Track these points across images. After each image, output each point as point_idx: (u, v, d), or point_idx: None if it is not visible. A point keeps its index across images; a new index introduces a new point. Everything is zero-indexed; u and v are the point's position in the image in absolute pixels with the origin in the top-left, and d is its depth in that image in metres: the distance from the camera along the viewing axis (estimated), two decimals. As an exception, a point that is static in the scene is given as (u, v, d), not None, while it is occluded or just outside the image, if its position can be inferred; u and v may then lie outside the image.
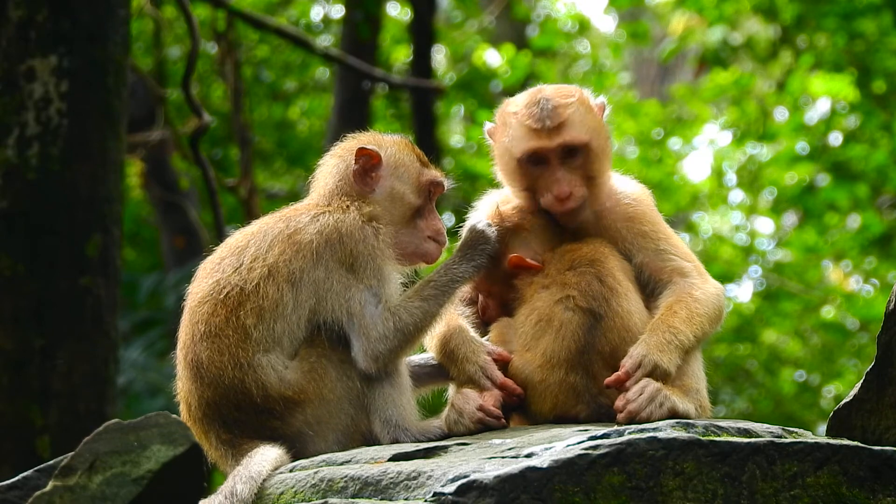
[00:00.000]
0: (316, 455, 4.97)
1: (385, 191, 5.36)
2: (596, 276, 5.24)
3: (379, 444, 5.06)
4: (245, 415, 5.08)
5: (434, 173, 5.46)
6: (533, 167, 5.42)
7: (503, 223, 5.42)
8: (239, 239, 5.28)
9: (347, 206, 5.27)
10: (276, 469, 4.87)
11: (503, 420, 5.12)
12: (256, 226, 5.31)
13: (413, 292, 5.21)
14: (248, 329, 5.09)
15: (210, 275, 5.22)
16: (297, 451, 5.07)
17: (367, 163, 5.35)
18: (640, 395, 4.99)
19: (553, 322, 5.20)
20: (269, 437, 5.05)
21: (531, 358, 5.19)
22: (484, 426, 5.06)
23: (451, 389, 5.38)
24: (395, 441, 5.04)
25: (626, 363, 5.08)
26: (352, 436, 5.12)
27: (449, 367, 5.30)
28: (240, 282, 5.14)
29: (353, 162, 5.35)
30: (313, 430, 5.09)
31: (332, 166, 5.41)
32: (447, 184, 5.50)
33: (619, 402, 5.01)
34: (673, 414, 4.98)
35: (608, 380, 5.06)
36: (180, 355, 5.22)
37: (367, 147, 5.35)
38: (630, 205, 5.55)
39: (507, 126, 5.47)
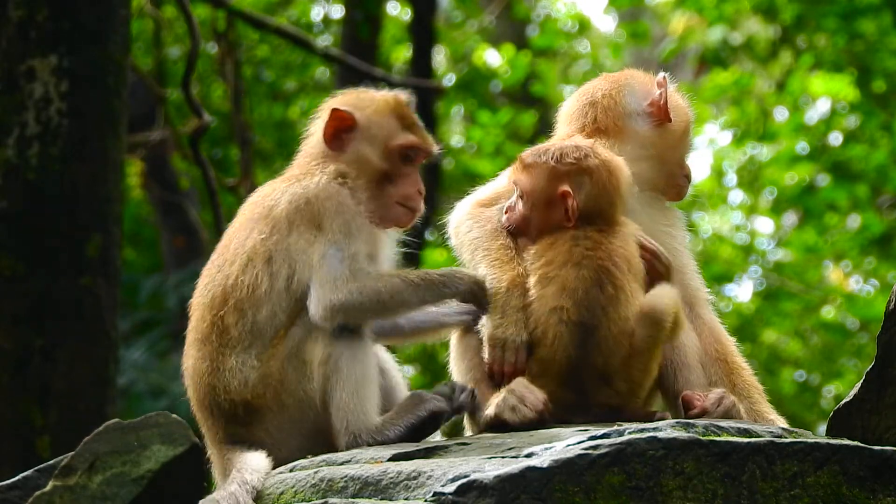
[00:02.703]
0: (282, 462, 4.93)
1: (353, 152, 5.27)
2: (597, 283, 5.13)
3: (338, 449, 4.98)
4: (218, 421, 5.05)
5: (410, 138, 5.31)
6: None
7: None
8: (226, 236, 5.26)
9: (316, 169, 5.23)
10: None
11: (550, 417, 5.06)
12: (240, 217, 5.26)
13: (398, 270, 5.14)
14: (228, 329, 5.05)
15: (202, 279, 5.22)
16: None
17: (340, 124, 5.27)
18: (718, 406, 5.10)
19: (547, 334, 5.12)
20: (237, 444, 5.01)
21: (528, 365, 5.16)
22: (540, 419, 4.98)
23: (463, 367, 5.30)
24: (352, 447, 4.94)
25: None
26: (315, 439, 5.04)
27: (492, 312, 5.18)
28: (223, 280, 5.12)
29: (324, 135, 5.30)
30: (272, 439, 5.02)
31: (312, 128, 5.38)
32: (427, 149, 5.34)
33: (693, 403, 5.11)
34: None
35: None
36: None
37: (341, 108, 5.28)
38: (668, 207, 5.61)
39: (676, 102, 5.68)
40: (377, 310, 5.06)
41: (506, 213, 5.36)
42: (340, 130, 5.28)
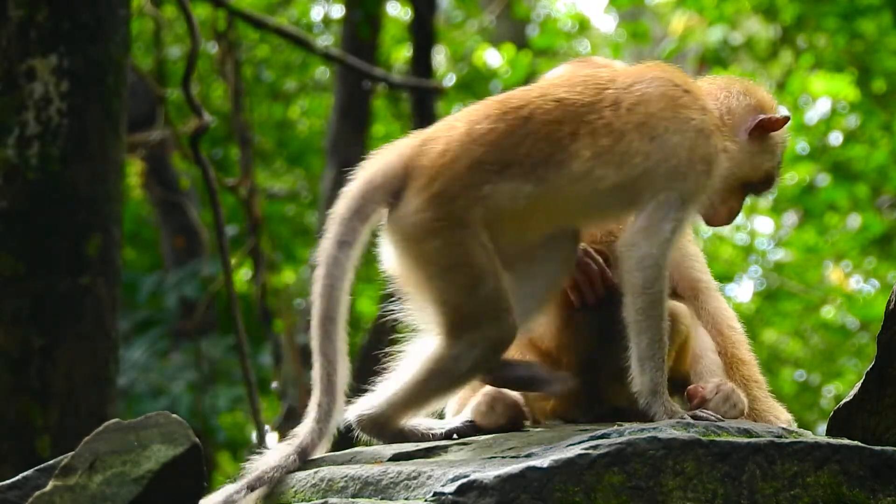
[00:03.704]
0: None
1: (753, 152, 5.12)
2: None
3: None
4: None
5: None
6: None
7: None
8: (635, 80, 4.93)
9: (725, 138, 4.97)
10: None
11: (529, 421, 5.06)
12: (648, 84, 4.92)
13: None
14: (570, 158, 4.81)
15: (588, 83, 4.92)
16: None
17: (772, 129, 5.11)
18: (717, 393, 5.02)
19: (570, 324, 5.14)
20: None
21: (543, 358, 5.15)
22: (513, 423, 4.97)
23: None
24: (365, 423, 4.92)
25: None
26: None
27: None
28: (613, 115, 4.83)
29: (759, 120, 5.07)
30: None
31: (741, 97, 5.10)
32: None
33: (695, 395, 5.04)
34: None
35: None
36: None
37: (780, 117, 5.11)
38: None
39: None
40: (636, 291, 4.82)
41: None
42: (764, 130, 5.10)
